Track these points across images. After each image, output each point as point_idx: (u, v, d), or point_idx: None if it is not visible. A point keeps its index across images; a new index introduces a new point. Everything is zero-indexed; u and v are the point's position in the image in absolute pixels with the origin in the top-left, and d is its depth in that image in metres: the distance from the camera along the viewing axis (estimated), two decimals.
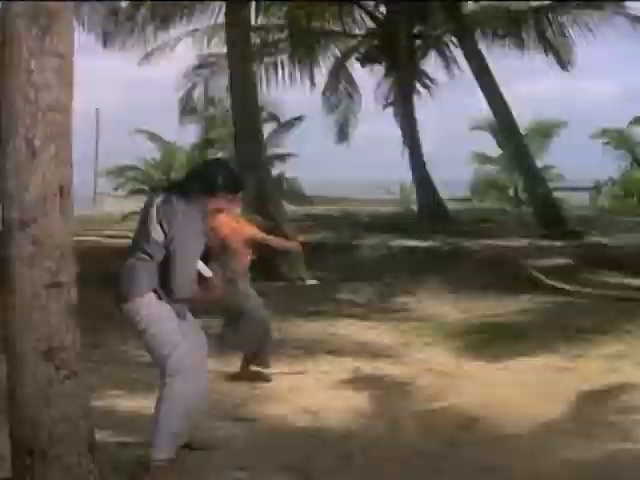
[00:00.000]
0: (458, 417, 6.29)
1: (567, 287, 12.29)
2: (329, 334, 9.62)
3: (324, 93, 25.31)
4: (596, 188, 29.18)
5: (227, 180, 4.93)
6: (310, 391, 6.97)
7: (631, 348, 8.36)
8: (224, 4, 16.69)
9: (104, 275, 11.26)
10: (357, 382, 7.32)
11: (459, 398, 6.80)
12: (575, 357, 8.12)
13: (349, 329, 9.91)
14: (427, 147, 23.03)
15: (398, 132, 24.45)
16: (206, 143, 26.47)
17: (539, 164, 23.33)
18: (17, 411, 3.78)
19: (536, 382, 7.28)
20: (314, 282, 13.23)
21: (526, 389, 7.08)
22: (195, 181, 4.87)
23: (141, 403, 5.92)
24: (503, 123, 20.31)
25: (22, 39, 3.68)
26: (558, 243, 16.91)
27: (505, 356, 8.30)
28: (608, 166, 29.67)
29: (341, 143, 26.24)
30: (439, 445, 5.64)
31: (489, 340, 9.02)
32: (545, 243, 17.15)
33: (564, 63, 22.68)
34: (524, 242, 17.40)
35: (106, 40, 20.39)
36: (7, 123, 3.71)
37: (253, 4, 18.14)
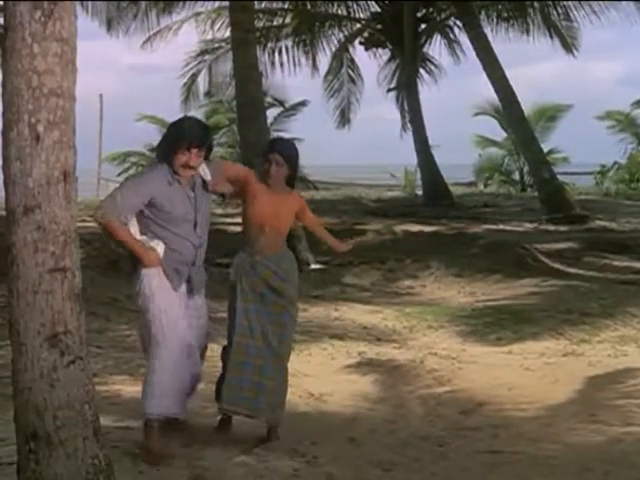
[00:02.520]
0: (462, 401, 6.30)
1: (572, 270, 12.28)
2: (334, 318, 9.63)
3: (326, 77, 25.24)
4: (601, 172, 29.07)
5: (170, 142, 4.99)
6: (315, 375, 6.97)
7: (636, 332, 8.34)
8: None
9: (107, 260, 11.43)
10: (362, 366, 7.32)
11: (463, 382, 6.81)
12: (580, 341, 8.12)
13: (354, 313, 9.91)
14: (431, 131, 22.95)
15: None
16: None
17: (544, 148, 23.23)
18: (22, 396, 3.78)
19: (541, 366, 7.28)
20: (319, 266, 13.22)
21: (531, 373, 7.08)
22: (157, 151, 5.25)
23: None
24: (508, 107, 20.23)
25: (25, 24, 3.66)
26: (563, 227, 16.91)
27: (510, 340, 8.30)
28: (614, 150, 29.60)
29: (342, 127, 26.16)
30: (443, 429, 5.65)
31: (493, 324, 9.01)
32: (550, 227, 17.14)
33: (569, 47, 22.60)
34: (529, 226, 17.40)
35: (110, 25, 20.42)
36: (10, 108, 3.69)
37: None
